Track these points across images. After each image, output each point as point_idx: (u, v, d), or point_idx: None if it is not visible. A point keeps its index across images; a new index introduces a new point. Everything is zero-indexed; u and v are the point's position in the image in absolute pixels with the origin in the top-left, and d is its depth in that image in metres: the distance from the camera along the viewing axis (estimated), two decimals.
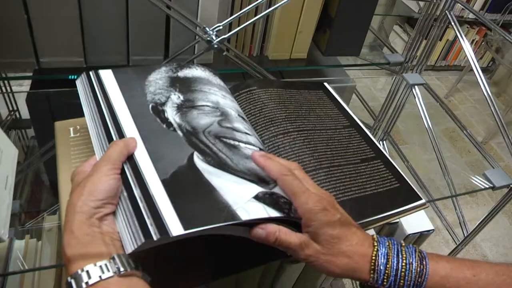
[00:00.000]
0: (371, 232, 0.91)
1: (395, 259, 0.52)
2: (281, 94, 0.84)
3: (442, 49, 3.49)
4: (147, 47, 0.96)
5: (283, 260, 0.78)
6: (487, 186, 1.02)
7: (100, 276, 0.44)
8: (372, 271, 0.52)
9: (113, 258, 0.45)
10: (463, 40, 1.10)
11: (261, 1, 0.92)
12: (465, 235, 1.17)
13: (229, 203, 0.52)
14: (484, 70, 3.79)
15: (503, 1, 3.15)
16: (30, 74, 0.96)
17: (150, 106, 0.64)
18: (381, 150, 0.80)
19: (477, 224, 1.12)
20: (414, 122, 2.82)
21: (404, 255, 0.52)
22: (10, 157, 0.73)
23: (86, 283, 0.43)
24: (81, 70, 0.95)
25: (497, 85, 3.69)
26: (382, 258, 0.52)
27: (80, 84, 0.67)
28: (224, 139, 0.62)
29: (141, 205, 0.49)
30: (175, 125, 0.62)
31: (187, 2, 0.90)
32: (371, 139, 0.82)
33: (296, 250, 0.52)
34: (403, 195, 0.70)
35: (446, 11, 1.13)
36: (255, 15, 0.96)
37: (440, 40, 3.34)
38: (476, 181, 1.04)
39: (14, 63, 0.91)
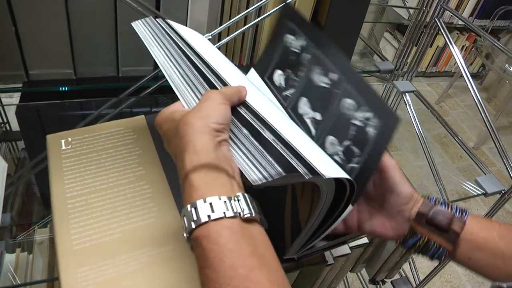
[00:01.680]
0: (364, 240, 0.91)
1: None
2: None
3: (433, 56, 3.51)
4: (136, 57, 0.96)
5: None
6: (479, 193, 1.02)
7: (224, 213, 0.40)
8: (426, 198, 0.58)
9: (238, 197, 0.42)
10: (453, 47, 1.11)
11: (250, 11, 0.92)
12: None
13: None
14: (475, 75, 3.81)
15: (493, 7, 3.18)
16: (20, 86, 0.95)
17: None
18: None
19: None
20: (405, 128, 2.83)
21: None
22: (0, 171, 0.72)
23: (208, 216, 0.40)
24: (71, 81, 0.95)
25: (488, 90, 3.71)
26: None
27: (144, 26, 0.66)
28: None
29: (277, 146, 0.46)
30: None
31: (176, 12, 0.90)
32: None
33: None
34: None
35: (435, 19, 1.14)
36: (245, 25, 0.96)
37: (431, 46, 3.36)
38: (468, 187, 1.04)
39: (3, 76, 0.90)
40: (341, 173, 0.47)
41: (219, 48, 0.90)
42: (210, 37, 0.86)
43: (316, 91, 0.60)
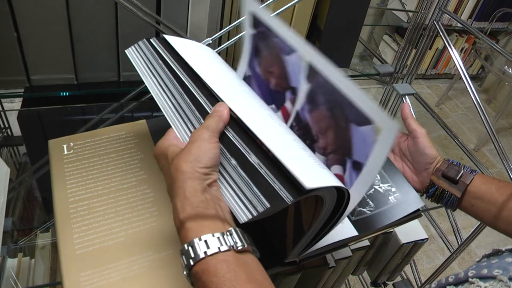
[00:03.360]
0: (366, 242, 0.91)
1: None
2: None
3: (432, 58, 3.52)
4: None
5: (278, 272, 0.78)
6: None
7: (218, 248, 0.43)
8: (445, 159, 0.75)
9: (230, 232, 0.45)
10: (452, 49, 1.11)
11: None
12: (459, 243, 1.17)
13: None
14: (474, 77, 3.81)
15: (491, 9, 3.18)
16: (22, 91, 0.96)
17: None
18: None
19: (471, 232, 1.13)
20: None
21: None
22: (2, 176, 0.72)
23: (205, 252, 0.43)
24: (72, 87, 0.95)
25: (487, 92, 3.71)
26: None
27: (137, 52, 0.66)
28: None
29: (262, 171, 0.48)
30: None
31: (177, 17, 0.90)
32: None
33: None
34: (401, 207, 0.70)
35: (434, 22, 1.14)
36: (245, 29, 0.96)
37: (430, 48, 3.36)
38: None
39: (5, 81, 0.91)
40: (332, 181, 0.48)
41: (219, 53, 0.90)
42: (210, 41, 0.87)
43: None
